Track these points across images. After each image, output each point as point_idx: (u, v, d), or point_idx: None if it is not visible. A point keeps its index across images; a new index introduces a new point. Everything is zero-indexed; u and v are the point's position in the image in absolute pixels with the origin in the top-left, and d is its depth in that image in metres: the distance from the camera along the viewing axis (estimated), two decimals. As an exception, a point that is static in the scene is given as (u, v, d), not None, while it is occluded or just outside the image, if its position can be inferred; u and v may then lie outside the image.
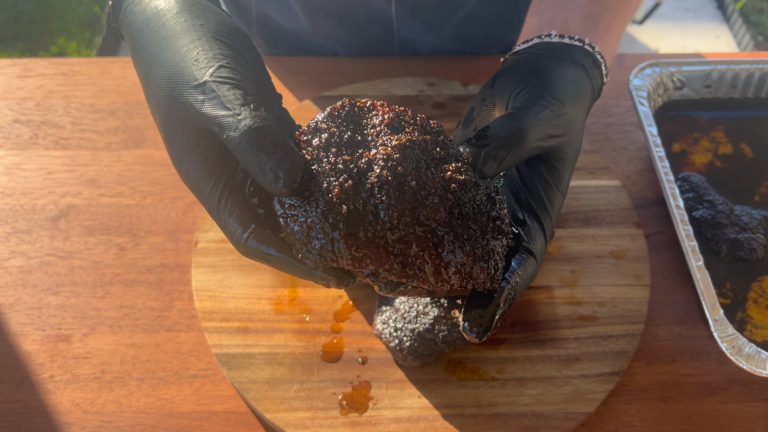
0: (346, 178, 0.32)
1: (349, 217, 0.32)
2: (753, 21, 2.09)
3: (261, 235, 0.34)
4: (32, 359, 0.52)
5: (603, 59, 0.44)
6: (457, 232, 0.33)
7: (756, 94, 0.65)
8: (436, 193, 0.32)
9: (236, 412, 0.50)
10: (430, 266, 0.33)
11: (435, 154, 0.33)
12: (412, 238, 0.32)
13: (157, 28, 0.36)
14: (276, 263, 0.34)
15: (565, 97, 0.39)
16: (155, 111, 0.36)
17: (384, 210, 0.31)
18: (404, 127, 0.33)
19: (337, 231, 0.32)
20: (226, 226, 0.35)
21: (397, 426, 0.48)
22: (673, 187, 0.55)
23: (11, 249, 0.58)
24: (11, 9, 2.05)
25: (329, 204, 0.32)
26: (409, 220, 0.32)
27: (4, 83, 0.69)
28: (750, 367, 0.47)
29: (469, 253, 0.33)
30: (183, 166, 0.35)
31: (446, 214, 0.32)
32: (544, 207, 0.38)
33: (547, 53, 0.42)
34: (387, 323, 0.51)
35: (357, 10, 0.69)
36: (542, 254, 0.38)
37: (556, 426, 0.48)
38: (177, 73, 0.34)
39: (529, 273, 0.36)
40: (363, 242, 0.32)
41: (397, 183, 0.32)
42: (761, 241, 0.56)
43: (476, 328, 0.34)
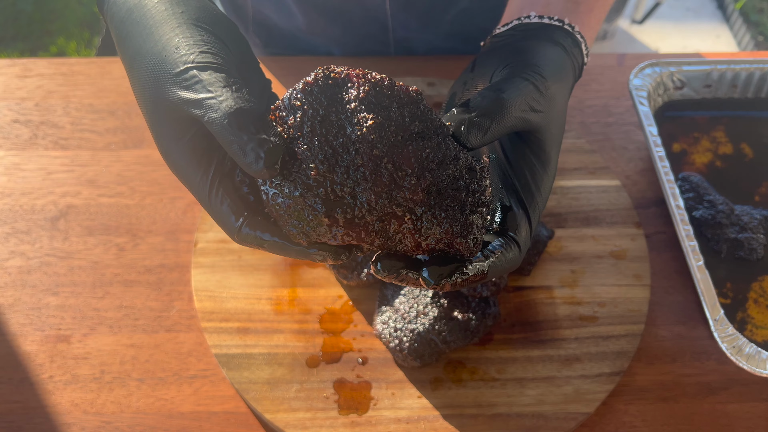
0: (322, 160, 0.31)
1: (327, 199, 0.31)
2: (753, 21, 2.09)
3: (254, 222, 0.34)
4: (32, 360, 0.52)
5: (583, 39, 0.43)
6: (435, 211, 0.32)
7: (756, 94, 0.65)
8: (413, 174, 0.32)
9: (236, 413, 0.50)
10: (410, 241, 0.33)
11: (414, 128, 0.33)
12: (390, 216, 0.32)
13: (139, 18, 0.36)
14: (271, 247, 0.34)
15: (546, 73, 0.39)
16: (141, 102, 0.36)
17: (362, 193, 0.31)
18: (381, 101, 0.32)
19: (316, 212, 0.32)
20: (219, 215, 0.35)
21: (397, 426, 0.48)
22: (673, 187, 0.55)
23: (11, 249, 0.58)
24: (11, 9, 2.05)
25: (307, 186, 0.31)
26: (386, 202, 0.32)
27: (3, 83, 0.69)
28: (750, 367, 0.47)
29: (447, 231, 0.33)
30: (171, 156, 0.35)
31: (424, 193, 0.32)
32: (530, 192, 0.38)
33: (526, 34, 0.42)
34: (387, 323, 0.51)
35: (352, 7, 0.69)
36: (527, 242, 0.37)
37: (556, 426, 0.48)
38: (159, 62, 0.34)
39: (509, 258, 0.36)
40: (342, 222, 0.32)
41: (373, 165, 0.31)
42: (761, 240, 0.56)
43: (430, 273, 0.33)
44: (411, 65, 0.71)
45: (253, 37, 0.77)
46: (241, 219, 0.34)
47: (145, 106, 0.35)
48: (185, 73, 0.33)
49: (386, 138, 0.32)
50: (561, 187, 0.61)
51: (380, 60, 0.72)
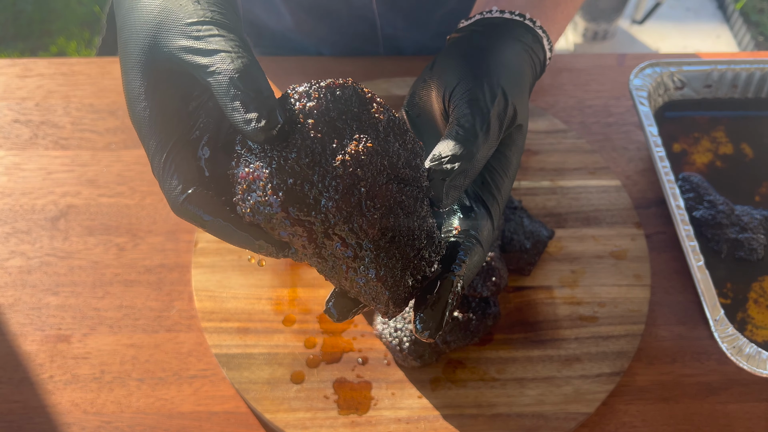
0: (308, 153, 0.31)
1: (291, 190, 0.31)
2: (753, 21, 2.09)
3: (200, 197, 0.33)
4: (32, 359, 0.52)
5: (545, 34, 0.43)
6: (380, 255, 0.32)
7: (756, 94, 0.65)
8: (380, 209, 0.32)
9: (236, 413, 0.50)
10: (343, 269, 0.33)
11: (401, 174, 0.33)
12: (338, 237, 0.32)
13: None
14: (212, 227, 0.33)
15: (506, 88, 0.38)
16: (129, 49, 0.35)
17: (325, 200, 0.31)
18: (387, 134, 0.33)
19: (275, 196, 0.31)
20: (166, 182, 0.33)
21: (397, 426, 0.48)
22: (673, 187, 0.55)
23: (11, 249, 0.58)
24: (11, 9, 2.05)
25: (280, 168, 0.31)
26: (342, 222, 0.31)
27: (3, 83, 0.69)
28: (750, 367, 0.47)
29: (381, 278, 0.33)
30: (140, 104, 0.34)
31: (379, 233, 0.32)
32: (491, 193, 0.38)
33: (486, 30, 0.42)
34: (387, 323, 0.51)
35: (339, 6, 0.69)
36: (489, 241, 0.37)
37: (556, 426, 0.48)
38: (170, 11, 0.34)
39: (475, 261, 0.36)
40: (293, 218, 0.31)
41: (350, 182, 0.31)
42: (762, 241, 0.56)
43: (428, 329, 0.34)
44: (400, 65, 0.71)
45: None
46: (188, 192, 0.33)
47: (133, 54, 0.34)
48: (200, 24, 0.33)
49: (374, 166, 0.32)
50: (561, 187, 0.61)
51: (370, 60, 0.72)
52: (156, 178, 0.34)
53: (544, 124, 0.65)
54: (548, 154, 0.63)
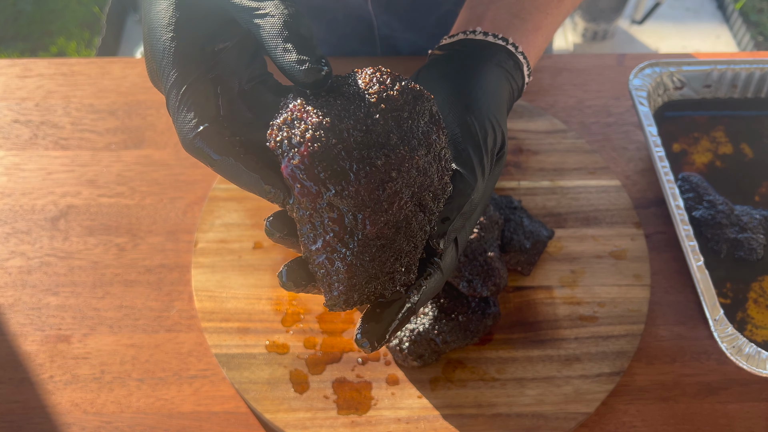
0: (364, 129, 0.31)
1: (328, 149, 0.30)
2: (753, 21, 2.10)
3: (212, 135, 0.32)
4: (32, 360, 0.52)
5: (525, 60, 0.43)
6: (362, 253, 0.32)
7: (756, 94, 0.65)
8: (388, 215, 0.32)
9: (236, 413, 0.50)
10: (320, 242, 0.32)
11: (423, 200, 0.33)
12: (338, 214, 0.31)
13: None
14: (221, 167, 0.33)
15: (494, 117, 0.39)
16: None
17: (354, 176, 0.31)
18: (435, 160, 0.33)
19: (310, 144, 0.30)
20: (180, 116, 0.33)
21: (397, 426, 0.48)
22: (673, 187, 0.55)
23: (11, 249, 0.58)
24: (11, 9, 2.05)
25: (331, 125, 0.30)
26: (352, 204, 0.31)
27: (3, 83, 0.69)
28: (750, 367, 0.47)
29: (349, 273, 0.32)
30: (167, 34, 0.33)
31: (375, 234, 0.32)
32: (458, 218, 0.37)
33: (468, 53, 0.42)
34: (387, 323, 0.51)
35: (335, 6, 0.69)
36: (450, 268, 0.37)
37: (556, 426, 0.48)
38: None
39: (431, 286, 0.36)
40: (312, 173, 0.31)
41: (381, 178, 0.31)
42: (761, 241, 0.56)
43: (369, 341, 0.33)
44: (398, 65, 0.71)
45: None
46: (201, 127, 0.32)
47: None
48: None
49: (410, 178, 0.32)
50: (561, 187, 0.61)
51: (368, 60, 0.72)
52: (170, 112, 0.33)
53: (543, 124, 0.65)
54: (548, 154, 0.63)
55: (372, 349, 0.34)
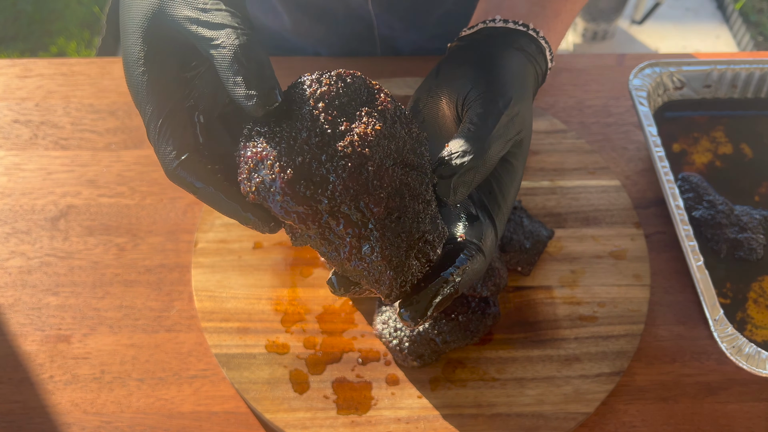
0: (317, 132, 0.32)
1: (299, 168, 0.31)
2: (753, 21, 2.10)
3: (192, 164, 0.33)
4: (32, 359, 0.52)
5: (547, 44, 0.43)
6: (385, 234, 0.33)
7: (756, 94, 0.65)
8: (385, 188, 0.32)
9: (236, 413, 0.50)
10: (346, 251, 0.33)
11: (407, 159, 0.34)
12: (342, 217, 0.32)
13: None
14: (203, 195, 0.34)
15: (515, 95, 0.38)
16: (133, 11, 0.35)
17: (333, 178, 0.32)
18: (394, 122, 0.34)
19: (283, 174, 0.31)
20: (161, 147, 0.34)
21: (397, 426, 0.48)
22: (673, 187, 0.55)
23: (11, 249, 0.58)
24: (11, 9, 2.05)
25: (289, 148, 0.32)
26: (350, 200, 0.32)
27: (3, 83, 0.69)
28: (750, 367, 0.47)
29: (386, 257, 0.33)
30: (138, 68, 0.34)
31: (385, 211, 0.32)
32: (496, 202, 0.38)
33: (490, 40, 0.42)
34: (387, 323, 0.51)
35: (335, 6, 0.69)
36: (492, 250, 0.37)
37: (556, 426, 0.48)
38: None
39: (475, 269, 0.36)
40: (299, 197, 0.31)
41: (359, 162, 0.32)
42: (761, 241, 0.56)
43: (410, 313, 0.34)
44: (399, 65, 0.71)
45: None
46: (182, 158, 0.33)
47: (136, 19, 0.34)
48: (209, 1, 0.33)
49: (382, 148, 0.33)
50: (561, 187, 0.61)
51: (368, 60, 0.72)
52: (151, 143, 0.34)
53: (543, 124, 0.65)
54: (548, 154, 0.63)
55: (414, 324, 0.34)
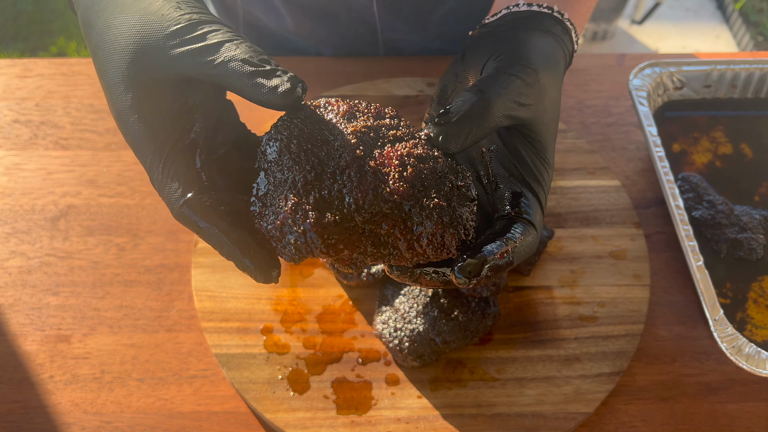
0: (309, 170, 0.32)
1: (316, 205, 0.32)
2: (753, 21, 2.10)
3: (197, 203, 0.33)
4: (32, 359, 0.52)
5: (572, 26, 0.43)
6: (423, 203, 0.33)
7: (756, 94, 0.65)
8: (395, 169, 0.33)
9: (236, 413, 0.50)
10: (402, 242, 0.33)
11: (391, 136, 0.34)
12: (379, 217, 0.33)
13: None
14: (206, 235, 0.34)
15: (536, 64, 0.38)
16: (113, 59, 0.34)
17: (348, 193, 0.32)
18: (358, 116, 0.34)
19: (307, 221, 0.32)
20: (165, 188, 0.34)
21: (397, 426, 0.48)
22: (673, 187, 0.55)
23: (11, 249, 0.58)
24: (11, 9, 2.05)
25: (297, 196, 0.32)
26: (373, 199, 0.32)
27: (3, 83, 0.69)
28: (750, 367, 0.47)
29: (437, 222, 0.33)
30: (130, 117, 0.34)
31: (408, 186, 0.33)
32: (536, 179, 0.38)
33: (515, 23, 0.42)
34: (387, 323, 0.51)
35: (338, 8, 0.69)
36: (541, 225, 0.37)
37: (556, 426, 0.48)
38: (151, 22, 0.34)
39: (529, 242, 0.36)
40: (333, 228, 0.32)
41: (357, 166, 0.33)
42: (761, 241, 0.56)
43: (464, 274, 0.33)
44: (412, 64, 0.71)
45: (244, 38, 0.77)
46: (187, 196, 0.33)
47: (116, 69, 0.34)
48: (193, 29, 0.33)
49: (367, 141, 0.33)
50: (561, 187, 0.61)
51: (370, 60, 0.72)
52: (155, 186, 0.34)
53: (543, 124, 0.65)
54: (548, 154, 0.63)
55: (467, 282, 0.33)
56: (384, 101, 0.67)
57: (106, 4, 0.36)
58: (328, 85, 0.69)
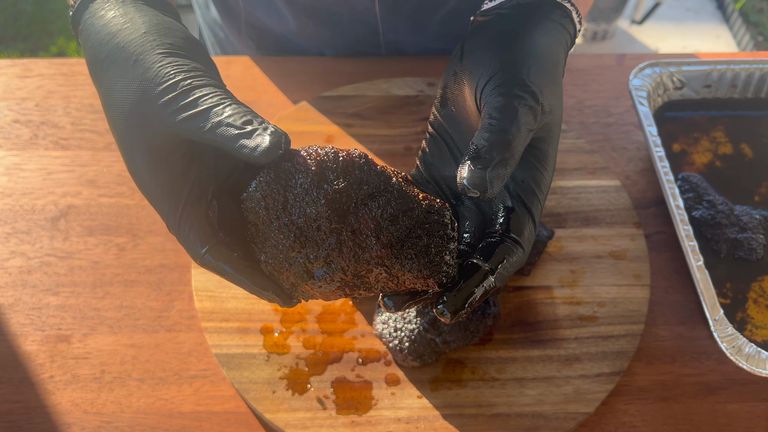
0: (293, 239, 0.35)
1: (306, 270, 0.35)
2: (753, 21, 2.10)
3: (218, 251, 0.37)
4: (32, 359, 0.52)
5: (573, 7, 0.43)
6: (402, 260, 0.35)
7: (756, 94, 0.65)
8: (372, 234, 0.34)
9: (236, 413, 0.50)
10: (391, 285, 0.36)
11: (363, 191, 0.35)
12: (365, 272, 0.35)
13: (123, 44, 0.38)
14: (231, 278, 0.37)
15: (540, 81, 0.38)
16: (120, 123, 0.37)
17: (333, 261, 0.35)
18: (329, 177, 0.35)
19: (302, 281, 0.36)
20: (186, 241, 0.37)
21: (397, 426, 0.48)
22: (673, 187, 0.55)
23: (11, 249, 0.58)
24: (11, 9, 2.05)
25: (288, 261, 0.36)
26: (356, 265, 0.35)
27: (4, 83, 0.69)
28: (750, 367, 0.47)
29: (417, 275, 0.35)
30: (144, 176, 0.37)
31: (386, 249, 0.35)
32: (531, 191, 0.38)
33: (513, 13, 0.41)
34: (387, 323, 0.51)
35: (341, 10, 0.69)
36: (530, 240, 0.38)
37: (556, 426, 0.48)
38: (149, 83, 0.36)
39: (513, 261, 0.37)
40: (328, 284, 0.36)
41: (335, 237, 0.34)
42: (761, 241, 0.56)
43: (448, 309, 0.35)
44: (411, 64, 0.71)
45: (246, 39, 0.77)
46: (207, 247, 0.37)
47: (125, 128, 0.37)
48: (186, 95, 0.35)
49: (339, 209, 0.34)
50: (561, 187, 0.61)
51: (370, 60, 0.72)
52: (178, 239, 0.38)
53: (543, 124, 0.65)
54: (548, 154, 0.63)
55: (451, 319, 0.35)
56: (384, 101, 0.67)
57: (108, 65, 0.38)
58: (328, 85, 0.69)
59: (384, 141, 0.64)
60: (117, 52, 0.37)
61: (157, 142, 0.36)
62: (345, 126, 0.65)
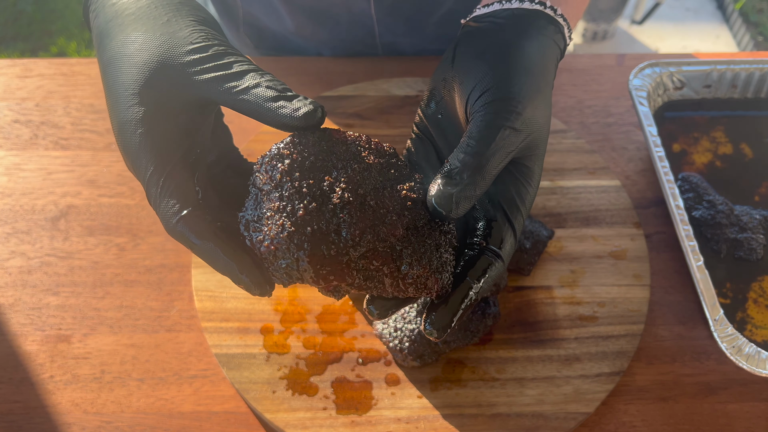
0: (310, 200, 0.34)
1: (313, 236, 0.33)
2: (753, 21, 2.10)
3: (195, 218, 0.35)
4: (32, 359, 0.52)
5: (566, 22, 0.42)
6: (415, 247, 0.35)
7: (756, 94, 0.65)
8: (393, 211, 0.35)
9: (236, 413, 0.50)
10: (388, 279, 0.35)
11: (390, 176, 0.36)
12: (372, 253, 0.34)
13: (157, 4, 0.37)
14: (201, 251, 0.35)
15: (529, 98, 0.38)
16: (127, 71, 0.35)
17: (346, 229, 0.34)
18: (361, 152, 0.36)
19: (302, 251, 0.33)
20: (161, 200, 0.35)
21: (397, 426, 0.48)
22: (673, 187, 0.55)
23: (11, 249, 0.58)
24: (11, 9, 2.05)
25: (295, 225, 0.33)
26: (370, 237, 0.34)
27: (4, 83, 0.69)
28: (750, 367, 0.47)
29: (425, 266, 0.35)
30: (137, 130, 0.35)
31: (404, 230, 0.35)
32: (515, 205, 0.38)
33: (506, 23, 0.41)
34: (387, 323, 0.51)
35: (338, 11, 0.69)
36: (510, 253, 0.38)
37: (556, 426, 0.48)
38: (179, 40, 0.35)
39: (492, 275, 0.37)
40: (327, 260, 0.33)
41: (359, 203, 0.34)
42: (761, 241, 0.56)
43: (436, 329, 0.36)
44: (411, 65, 0.71)
45: (244, 38, 0.77)
46: (183, 213, 0.34)
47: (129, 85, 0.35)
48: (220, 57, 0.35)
49: (369, 180, 0.35)
50: (561, 187, 0.61)
51: (369, 60, 0.72)
52: (150, 202, 0.35)
53: (543, 124, 0.65)
54: (548, 154, 0.63)
55: (439, 337, 0.36)
56: (384, 101, 0.67)
57: (132, 20, 0.37)
58: (328, 85, 0.69)
59: (384, 141, 0.64)
60: (148, 11, 0.37)
61: (165, 98, 0.35)
62: (345, 126, 0.65)
